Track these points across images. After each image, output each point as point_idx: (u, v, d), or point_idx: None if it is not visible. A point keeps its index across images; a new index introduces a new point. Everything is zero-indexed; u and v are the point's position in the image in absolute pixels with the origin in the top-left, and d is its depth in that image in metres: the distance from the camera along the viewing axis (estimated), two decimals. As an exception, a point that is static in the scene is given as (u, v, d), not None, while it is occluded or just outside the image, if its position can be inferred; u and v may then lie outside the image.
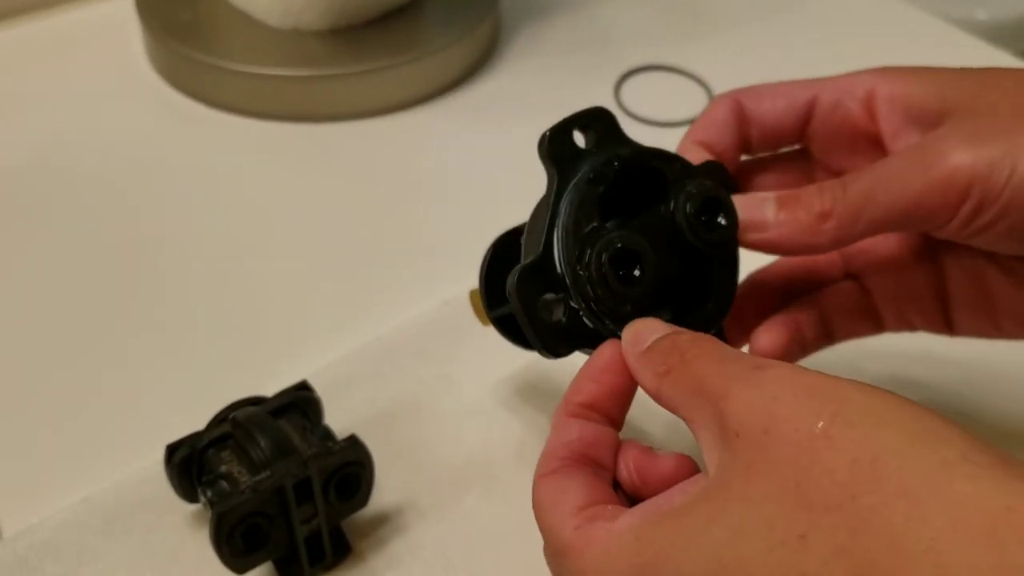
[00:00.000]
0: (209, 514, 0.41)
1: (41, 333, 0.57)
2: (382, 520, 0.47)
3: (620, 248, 0.36)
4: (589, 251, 0.37)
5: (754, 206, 0.38)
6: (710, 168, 0.40)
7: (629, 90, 0.75)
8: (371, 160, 0.69)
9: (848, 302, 0.44)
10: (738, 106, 0.41)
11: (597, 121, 0.39)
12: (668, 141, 0.43)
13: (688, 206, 0.38)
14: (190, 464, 0.44)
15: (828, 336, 0.44)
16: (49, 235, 0.63)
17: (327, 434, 0.45)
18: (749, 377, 0.30)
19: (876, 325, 0.45)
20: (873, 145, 0.40)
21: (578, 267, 0.37)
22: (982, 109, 0.36)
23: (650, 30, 0.81)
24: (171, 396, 0.53)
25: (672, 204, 0.38)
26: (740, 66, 0.77)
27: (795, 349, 0.43)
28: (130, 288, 0.60)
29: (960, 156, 0.35)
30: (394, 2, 0.75)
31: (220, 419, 0.45)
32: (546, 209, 0.38)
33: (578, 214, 0.37)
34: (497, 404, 0.52)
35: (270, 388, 0.47)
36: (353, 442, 0.43)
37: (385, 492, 0.47)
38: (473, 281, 0.45)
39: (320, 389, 0.47)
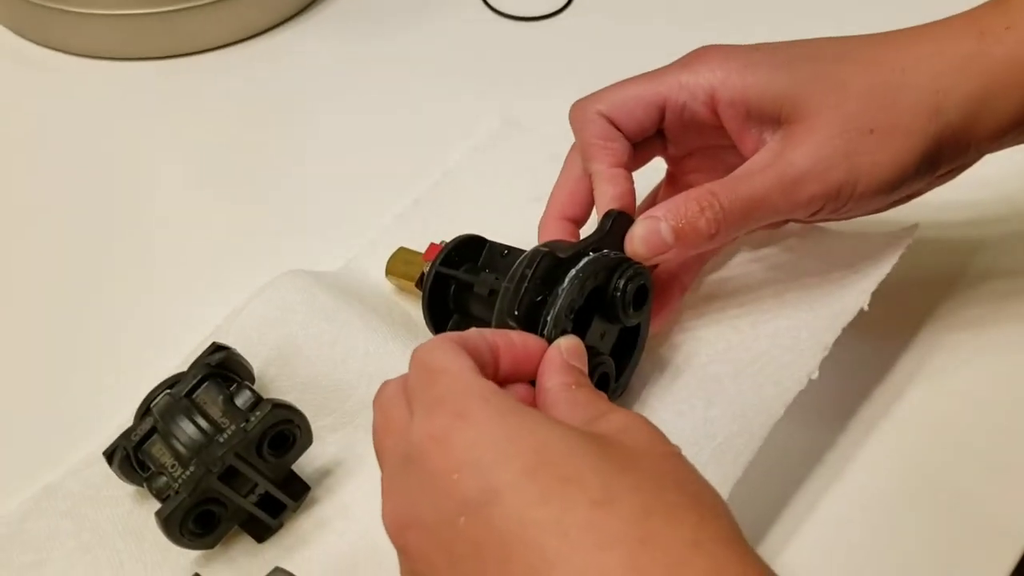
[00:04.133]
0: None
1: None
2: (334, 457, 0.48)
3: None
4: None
5: (655, 237, 0.44)
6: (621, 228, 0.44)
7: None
8: (247, 88, 0.68)
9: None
10: (611, 123, 0.46)
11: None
12: (537, 34, 0.63)
13: (624, 302, 0.44)
14: (131, 461, 0.45)
15: None
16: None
17: (251, 395, 0.45)
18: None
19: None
20: (719, 134, 0.46)
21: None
22: (821, 119, 0.43)
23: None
24: (89, 377, 0.53)
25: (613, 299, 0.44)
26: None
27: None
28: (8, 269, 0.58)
29: (815, 187, 0.43)
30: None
31: (144, 412, 0.45)
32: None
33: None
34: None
35: (185, 344, 0.49)
36: (270, 407, 0.43)
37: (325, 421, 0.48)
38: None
39: (234, 343, 0.48)
